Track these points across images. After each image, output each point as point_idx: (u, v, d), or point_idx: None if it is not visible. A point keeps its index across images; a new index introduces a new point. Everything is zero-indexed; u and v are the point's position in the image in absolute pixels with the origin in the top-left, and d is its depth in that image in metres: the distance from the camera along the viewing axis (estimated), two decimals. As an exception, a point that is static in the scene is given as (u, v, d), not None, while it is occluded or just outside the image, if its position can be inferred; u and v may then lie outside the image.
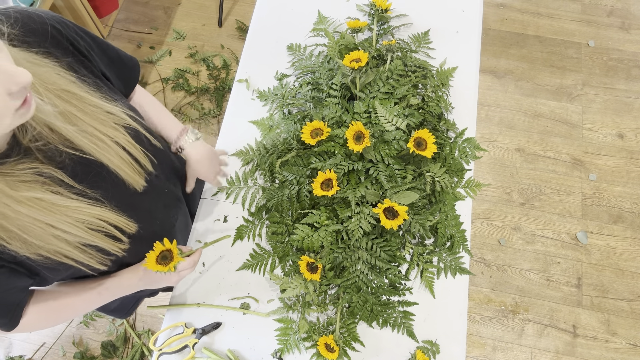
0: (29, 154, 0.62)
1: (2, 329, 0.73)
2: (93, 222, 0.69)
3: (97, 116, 0.69)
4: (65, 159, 0.66)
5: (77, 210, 0.66)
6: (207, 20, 2.54)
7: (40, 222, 0.62)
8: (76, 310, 0.83)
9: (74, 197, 0.66)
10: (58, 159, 0.65)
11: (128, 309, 1.15)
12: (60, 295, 0.80)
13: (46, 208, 0.62)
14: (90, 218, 0.68)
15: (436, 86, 1.15)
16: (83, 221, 0.67)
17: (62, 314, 0.81)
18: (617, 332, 1.87)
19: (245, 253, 1.05)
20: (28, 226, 0.61)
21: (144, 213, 0.83)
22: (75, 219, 0.66)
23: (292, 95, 1.18)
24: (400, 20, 1.31)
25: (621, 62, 2.40)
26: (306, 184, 1.02)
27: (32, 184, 0.61)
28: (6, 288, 0.68)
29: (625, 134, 2.24)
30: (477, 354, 1.85)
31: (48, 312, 0.79)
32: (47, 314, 0.79)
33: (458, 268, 1.02)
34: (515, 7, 2.55)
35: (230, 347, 0.98)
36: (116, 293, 0.85)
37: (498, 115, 2.28)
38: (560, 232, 2.04)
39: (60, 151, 0.65)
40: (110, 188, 0.73)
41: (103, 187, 0.72)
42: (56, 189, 0.64)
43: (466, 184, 1.08)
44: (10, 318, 0.73)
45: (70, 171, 0.67)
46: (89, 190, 0.69)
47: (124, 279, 0.84)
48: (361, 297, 0.97)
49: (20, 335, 1.88)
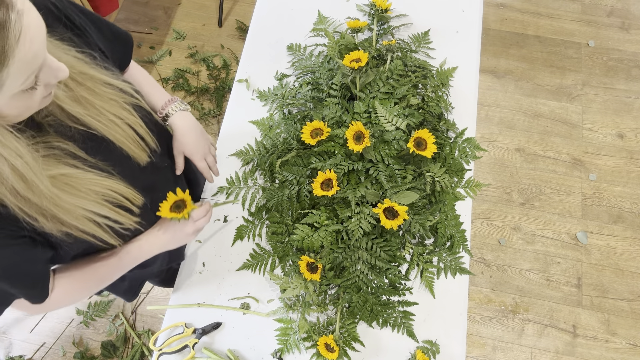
0: (42, 129, 0.64)
1: (35, 302, 0.74)
2: (107, 194, 0.70)
3: (108, 97, 0.70)
4: (74, 133, 0.68)
5: (94, 183, 0.68)
6: (207, 20, 2.54)
7: (65, 198, 0.64)
8: (100, 278, 0.83)
9: (89, 170, 0.68)
10: (68, 133, 0.67)
11: (135, 289, 1.16)
12: (82, 266, 0.81)
13: (69, 183, 0.64)
14: (104, 190, 0.69)
15: (436, 86, 1.15)
16: (98, 193, 0.68)
17: (87, 283, 0.82)
18: (617, 332, 1.87)
19: (245, 253, 1.05)
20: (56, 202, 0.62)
21: (149, 187, 0.83)
22: (93, 192, 0.68)
23: (292, 95, 1.18)
24: (400, 20, 1.31)
25: (621, 62, 2.40)
26: (306, 184, 1.02)
27: (51, 159, 0.63)
28: (31, 259, 0.69)
29: (625, 134, 2.24)
30: (477, 354, 1.85)
31: (74, 283, 0.80)
32: (74, 285, 0.80)
33: (458, 268, 1.02)
34: (515, 7, 2.55)
35: (230, 347, 0.98)
36: (138, 256, 0.85)
37: (498, 115, 2.28)
38: (560, 232, 2.04)
39: (69, 126, 0.67)
40: (117, 162, 0.74)
41: (111, 160, 0.73)
42: (73, 162, 0.66)
43: (466, 184, 1.08)
44: (40, 289, 0.73)
45: (80, 145, 0.68)
46: (100, 163, 0.70)
47: (143, 241, 0.85)
48: (361, 297, 0.97)
49: (20, 335, 1.89)
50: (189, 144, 0.95)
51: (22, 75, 0.50)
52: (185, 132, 0.95)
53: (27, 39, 0.48)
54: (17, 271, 0.67)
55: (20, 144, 0.55)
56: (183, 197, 0.83)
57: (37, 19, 0.50)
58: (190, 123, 0.96)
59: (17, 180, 0.56)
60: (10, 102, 0.51)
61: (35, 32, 0.49)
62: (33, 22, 0.49)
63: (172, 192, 0.82)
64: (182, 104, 0.95)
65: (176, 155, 0.96)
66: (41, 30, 0.51)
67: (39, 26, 0.50)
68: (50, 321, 1.91)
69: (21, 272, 0.67)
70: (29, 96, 0.53)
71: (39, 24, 0.50)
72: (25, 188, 0.58)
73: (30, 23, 0.48)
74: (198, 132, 0.97)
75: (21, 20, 0.47)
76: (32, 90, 0.53)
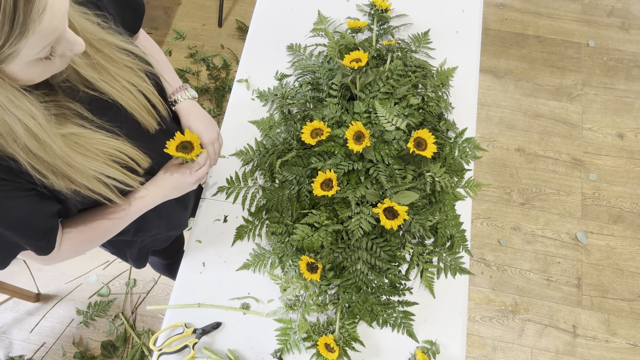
0: (52, 89, 0.66)
1: (41, 253, 0.75)
2: (114, 154, 0.71)
3: (123, 64, 0.72)
4: (83, 95, 0.69)
5: (102, 143, 0.69)
6: (207, 20, 2.54)
7: (76, 158, 0.65)
8: (106, 229, 0.85)
9: (97, 130, 0.69)
10: (77, 95, 0.69)
11: (143, 258, 1.18)
12: (89, 218, 0.82)
13: (79, 142, 0.66)
14: (111, 150, 0.71)
15: (436, 86, 1.15)
16: (105, 153, 0.70)
17: (94, 235, 0.83)
18: (617, 332, 1.87)
19: (245, 253, 1.05)
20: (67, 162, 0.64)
21: (157, 152, 0.84)
22: (101, 152, 0.69)
23: (292, 95, 1.18)
24: (400, 20, 1.31)
25: (621, 62, 2.40)
26: (306, 184, 1.02)
27: (61, 118, 0.64)
28: (39, 211, 0.70)
29: (625, 134, 2.24)
30: (477, 354, 1.85)
31: (81, 235, 0.82)
32: (82, 237, 0.82)
33: (458, 268, 1.02)
34: (515, 7, 2.55)
35: (230, 347, 0.98)
36: (140, 206, 0.86)
37: (498, 115, 2.28)
38: (560, 232, 2.04)
39: (79, 89, 0.69)
40: (125, 125, 0.76)
41: (118, 123, 0.74)
42: (81, 122, 0.67)
43: (466, 184, 1.08)
44: (47, 240, 0.74)
45: (87, 106, 0.70)
46: (107, 124, 0.71)
47: (146, 191, 0.86)
48: (361, 297, 0.97)
49: (20, 335, 1.89)
50: (194, 129, 0.97)
51: (39, 45, 0.51)
52: (191, 118, 0.97)
53: (50, 13, 0.49)
54: (26, 222, 0.68)
55: (33, 105, 0.57)
56: (191, 139, 0.83)
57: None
58: (196, 110, 0.98)
59: (30, 139, 0.58)
60: (24, 68, 0.53)
61: (58, 7, 0.50)
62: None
63: (180, 133, 0.83)
64: (191, 92, 0.97)
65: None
66: (64, 5, 0.52)
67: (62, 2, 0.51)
68: (50, 321, 1.91)
69: (29, 223, 0.69)
70: (44, 64, 0.55)
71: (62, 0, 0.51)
72: (38, 147, 0.60)
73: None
74: (204, 118, 0.99)
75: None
76: (47, 59, 0.55)
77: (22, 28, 0.47)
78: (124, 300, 1.94)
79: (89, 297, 1.95)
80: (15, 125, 0.56)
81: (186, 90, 0.97)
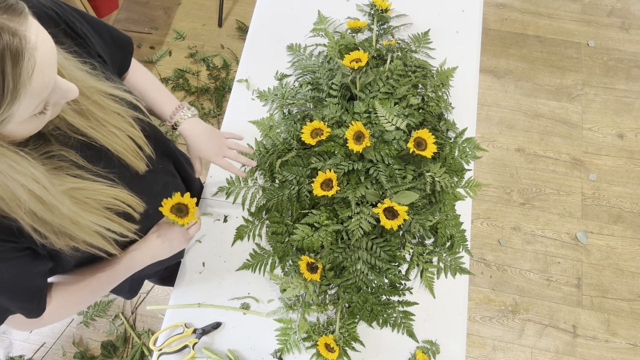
0: (45, 139, 0.64)
1: (31, 316, 0.73)
2: (110, 203, 0.70)
3: (111, 110, 0.70)
4: (74, 142, 0.68)
5: (100, 192, 0.68)
6: (207, 20, 2.54)
7: (81, 213, 0.64)
8: (95, 290, 0.83)
9: (95, 179, 0.68)
10: (69, 142, 0.67)
11: (135, 288, 1.16)
12: (77, 279, 0.81)
13: (79, 197, 0.64)
14: (108, 199, 0.69)
15: (436, 86, 1.15)
16: (102, 202, 0.69)
17: (82, 296, 0.81)
18: (617, 332, 1.87)
19: (245, 253, 1.05)
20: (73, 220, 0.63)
21: (147, 193, 0.83)
22: (99, 202, 0.68)
23: (292, 95, 1.18)
24: (400, 20, 1.31)
25: (621, 62, 2.40)
26: (306, 184, 1.02)
27: (58, 171, 0.63)
28: (31, 272, 0.68)
29: (625, 134, 2.24)
30: (477, 354, 1.85)
31: (69, 296, 0.80)
32: (69, 298, 0.80)
33: (458, 268, 1.02)
34: (515, 7, 2.55)
35: (230, 347, 0.98)
36: (131, 267, 0.85)
37: (498, 115, 2.28)
38: (560, 232, 2.04)
39: (69, 136, 0.67)
40: (117, 170, 0.74)
41: (111, 168, 0.73)
42: (77, 172, 0.66)
43: (466, 184, 1.08)
44: (37, 303, 0.72)
45: (80, 153, 0.68)
46: (102, 171, 0.70)
47: (136, 252, 0.85)
48: (361, 297, 0.97)
49: (20, 335, 1.88)
50: (204, 149, 0.97)
51: (33, 104, 0.50)
52: (198, 139, 0.96)
53: (40, 72, 0.48)
54: (17, 284, 0.66)
55: (36, 168, 0.55)
56: (187, 203, 0.83)
57: (51, 50, 0.50)
58: (200, 128, 0.97)
59: (35, 203, 0.57)
60: (20, 126, 0.52)
61: (47, 64, 0.49)
62: (47, 53, 0.49)
63: (178, 193, 0.82)
64: (189, 110, 0.96)
65: (193, 160, 0.99)
66: (53, 60, 0.50)
67: (51, 57, 0.50)
68: (50, 321, 1.91)
69: (21, 285, 0.66)
70: (39, 119, 0.54)
71: (51, 55, 0.50)
72: (44, 210, 0.58)
73: (45, 56, 0.48)
74: (209, 134, 0.98)
75: (35, 55, 0.46)
76: (42, 114, 0.54)
77: (14, 94, 0.46)
78: (124, 300, 1.94)
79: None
80: (18, 191, 0.54)
81: (184, 110, 0.95)
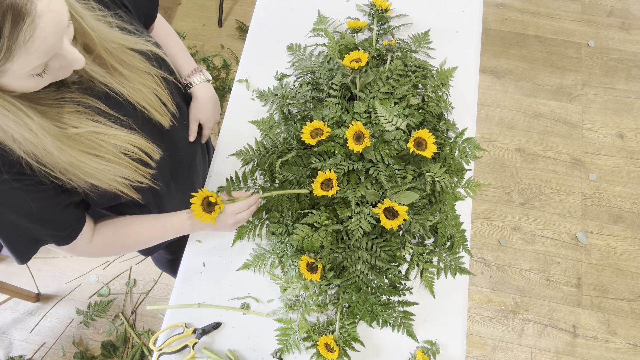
0: (64, 85, 0.66)
1: (61, 243, 0.75)
2: (127, 149, 0.72)
3: (136, 67, 0.73)
4: (100, 90, 0.70)
5: (117, 138, 0.70)
6: (207, 20, 2.54)
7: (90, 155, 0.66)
8: (140, 240, 0.86)
9: (111, 125, 0.70)
10: (93, 91, 0.69)
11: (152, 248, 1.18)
12: (127, 224, 0.84)
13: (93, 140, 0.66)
14: (125, 144, 0.71)
15: (436, 86, 1.15)
16: (118, 147, 0.70)
17: (129, 240, 0.85)
18: (617, 332, 1.87)
19: (245, 253, 1.05)
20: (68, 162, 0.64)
21: (170, 145, 0.85)
22: (114, 146, 0.70)
23: (292, 95, 1.18)
24: (400, 20, 1.31)
25: (621, 62, 2.40)
26: (306, 184, 1.02)
27: (74, 115, 0.64)
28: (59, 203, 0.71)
29: (625, 134, 2.24)
30: (477, 354, 1.85)
31: (116, 237, 0.83)
32: (115, 239, 0.83)
33: (458, 268, 1.02)
34: (515, 7, 2.55)
35: (230, 347, 0.98)
36: (180, 230, 0.88)
37: (498, 115, 2.28)
38: (560, 232, 2.04)
39: (95, 85, 0.69)
40: (140, 119, 0.77)
41: (133, 118, 0.75)
42: (95, 117, 0.68)
43: (466, 184, 1.08)
44: (70, 231, 0.75)
45: (103, 100, 0.70)
46: (122, 117, 0.72)
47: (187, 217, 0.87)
48: (361, 297, 0.97)
49: (20, 335, 1.89)
50: (206, 112, 1.01)
51: (29, 66, 0.51)
52: (205, 102, 1.00)
53: (39, 40, 0.49)
54: (47, 214, 0.69)
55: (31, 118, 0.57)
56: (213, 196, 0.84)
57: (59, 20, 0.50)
58: (210, 94, 1.01)
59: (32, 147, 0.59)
60: (15, 82, 0.53)
61: (50, 33, 0.50)
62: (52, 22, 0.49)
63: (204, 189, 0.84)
64: (205, 74, 1.00)
65: (192, 121, 1.01)
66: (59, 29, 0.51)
67: (57, 27, 0.50)
68: (50, 321, 1.91)
69: (50, 214, 0.70)
70: (36, 79, 0.55)
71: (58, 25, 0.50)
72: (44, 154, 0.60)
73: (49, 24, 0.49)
74: (214, 103, 1.03)
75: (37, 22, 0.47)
76: (39, 76, 0.55)
77: (6, 54, 0.47)
78: (124, 300, 1.94)
79: (89, 297, 1.95)
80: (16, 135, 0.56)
81: (201, 73, 0.99)
